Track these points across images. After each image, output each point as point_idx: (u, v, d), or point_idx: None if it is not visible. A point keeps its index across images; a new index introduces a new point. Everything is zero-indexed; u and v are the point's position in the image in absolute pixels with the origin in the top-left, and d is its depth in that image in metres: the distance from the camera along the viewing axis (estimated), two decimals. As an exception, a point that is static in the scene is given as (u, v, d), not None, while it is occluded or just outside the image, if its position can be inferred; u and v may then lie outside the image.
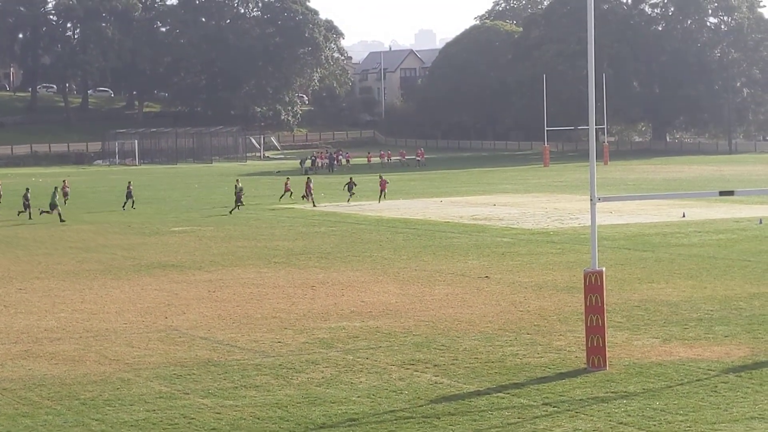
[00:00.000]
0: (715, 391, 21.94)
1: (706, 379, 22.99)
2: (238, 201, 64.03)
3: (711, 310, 30.48)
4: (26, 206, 62.44)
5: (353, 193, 69.26)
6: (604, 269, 24.58)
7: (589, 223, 24.76)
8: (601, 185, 59.62)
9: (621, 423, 20.08)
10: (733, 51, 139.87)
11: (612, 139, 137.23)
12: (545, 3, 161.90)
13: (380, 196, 68.95)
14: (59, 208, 61.76)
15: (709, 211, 57.24)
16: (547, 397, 21.90)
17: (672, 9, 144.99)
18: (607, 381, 22.98)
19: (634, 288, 34.54)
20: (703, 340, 26.74)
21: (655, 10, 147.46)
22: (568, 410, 20.98)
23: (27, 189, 65.07)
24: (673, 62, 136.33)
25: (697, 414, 20.41)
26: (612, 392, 22.14)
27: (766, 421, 19.85)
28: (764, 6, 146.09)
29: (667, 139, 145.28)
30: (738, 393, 21.77)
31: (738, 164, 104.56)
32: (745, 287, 34.14)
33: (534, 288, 35.11)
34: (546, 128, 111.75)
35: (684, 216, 55.60)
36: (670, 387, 22.41)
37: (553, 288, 35.01)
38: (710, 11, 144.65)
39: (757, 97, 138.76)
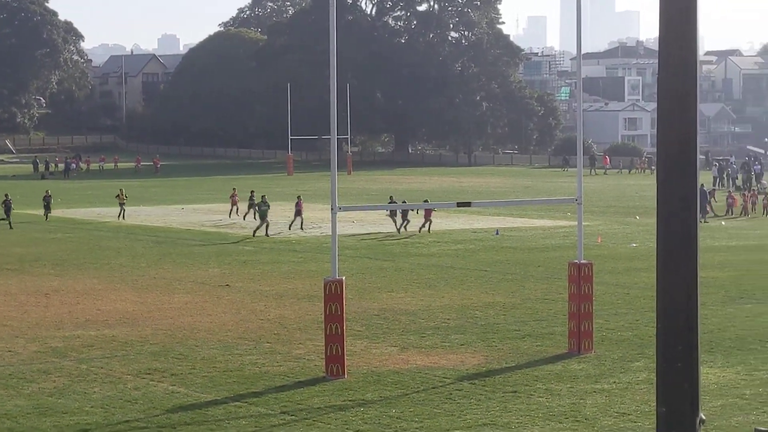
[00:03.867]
0: (450, 399, 22.28)
1: (441, 386, 23.32)
2: None
3: (448, 319, 31.00)
4: None
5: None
6: (344, 278, 24.67)
7: (330, 232, 24.77)
8: (343, 195, 59.83)
9: (357, 431, 20.15)
10: (473, 65, 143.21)
11: (355, 149, 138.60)
12: (290, 12, 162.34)
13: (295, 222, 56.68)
14: None
15: (448, 222, 58.35)
16: (285, 406, 21.81)
17: (415, 22, 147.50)
18: (345, 389, 23.05)
19: (374, 297, 34.84)
20: (439, 348, 27.15)
21: (399, 23, 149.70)
22: (306, 419, 20.94)
23: None
24: (415, 75, 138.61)
25: (432, 421, 20.67)
26: (349, 400, 22.21)
27: (497, 427, 20.26)
28: (503, 23, 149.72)
29: (410, 151, 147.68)
30: (471, 400, 22.17)
31: (477, 176, 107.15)
32: (481, 297, 34.88)
33: (275, 296, 35.01)
34: (290, 137, 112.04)
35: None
36: (407, 395, 22.64)
37: (293, 296, 34.99)
38: (452, 26, 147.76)
39: (496, 111, 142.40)
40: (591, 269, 26.92)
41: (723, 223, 58.83)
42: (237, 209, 62.31)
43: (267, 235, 52.31)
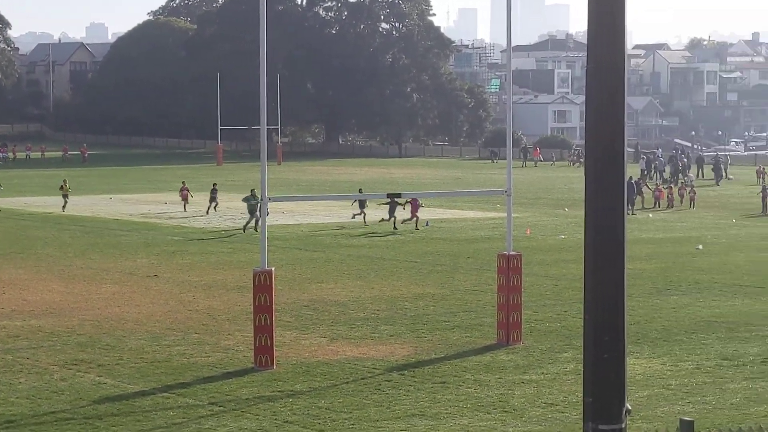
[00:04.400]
0: (379, 389, 22.31)
1: (370, 377, 23.35)
2: None
3: (378, 310, 31.04)
4: None
5: None
6: (273, 269, 24.62)
7: (260, 222, 24.68)
8: (273, 185, 59.44)
9: (286, 422, 20.12)
10: (404, 57, 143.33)
11: (285, 140, 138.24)
12: (220, 1, 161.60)
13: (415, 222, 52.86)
14: None
15: (378, 213, 58.29)
16: (213, 397, 21.73)
17: (345, 13, 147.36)
18: (274, 380, 23.01)
19: (304, 288, 34.80)
20: (369, 339, 27.18)
21: (329, 14, 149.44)
22: (234, 409, 20.88)
23: None
24: (346, 66, 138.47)
25: (361, 412, 20.70)
26: (278, 391, 22.18)
27: (426, 418, 20.32)
28: (434, 14, 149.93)
29: (340, 142, 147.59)
30: (401, 391, 22.22)
31: (407, 167, 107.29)
32: (411, 288, 34.96)
33: (203, 287, 34.85)
34: (219, 127, 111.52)
35: (353, 217, 56.49)
36: (336, 385, 22.64)
37: (222, 287, 34.85)
38: (382, 17, 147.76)
39: (426, 103, 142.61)
40: (520, 260, 27.07)
41: (650, 215, 59.40)
42: (189, 203, 60.32)
43: (256, 230, 48.97)
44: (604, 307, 10.63)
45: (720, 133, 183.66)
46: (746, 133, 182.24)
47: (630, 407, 10.83)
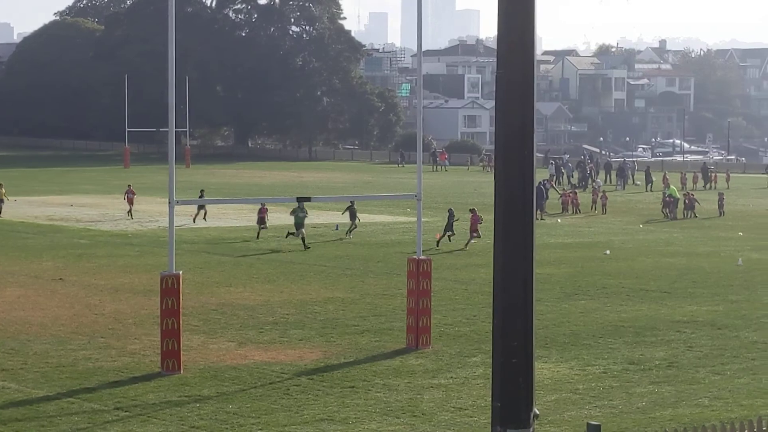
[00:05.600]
0: (288, 394, 22.20)
1: (279, 382, 23.22)
2: None
3: (287, 314, 30.90)
4: None
5: None
6: (181, 273, 24.40)
7: (168, 225, 24.43)
8: (182, 188, 59.01)
9: (193, 427, 19.93)
10: (314, 60, 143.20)
11: (195, 142, 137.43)
12: (128, 2, 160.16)
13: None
14: None
15: (288, 217, 58.06)
16: (119, 402, 21.46)
17: (255, 16, 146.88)
18: (182, 385, 22.79)
19: (213, 292, 34.55)
20: (278, 343, 27.04)
21: (239, 16, 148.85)
22: (141, 414, 20.64)
23: None
24: (256, 68, 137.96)
25: (270, 417, 20.57)
26: (186, 396, 21.97)
27: (335, 422, 20.25)
28: (345, 18, 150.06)
29: (250, 145, 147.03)
30: (310, 395, 22.12)
31: (318, 171, 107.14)
32: (321, 292, 34.86)
33: (110, 291, 34.46)
34: (127, 129, 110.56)
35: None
36: (244, 390, 22.48)
37: (130, 291, 34.49)
38: (293, 20, 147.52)
39: (337, 106, 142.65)
40: (430, 265, 27.10)
41: (559, 220, 59.86)
42: (132, 208, 57.94)
43: (305, 247, 45.88)
44: (513, 312, 10.66)
45: (628, 139, 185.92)
46: (653, 140, 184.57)
47: (538, 411, 10.86)
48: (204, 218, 55.33)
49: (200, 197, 55.39)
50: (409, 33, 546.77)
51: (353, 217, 49.92)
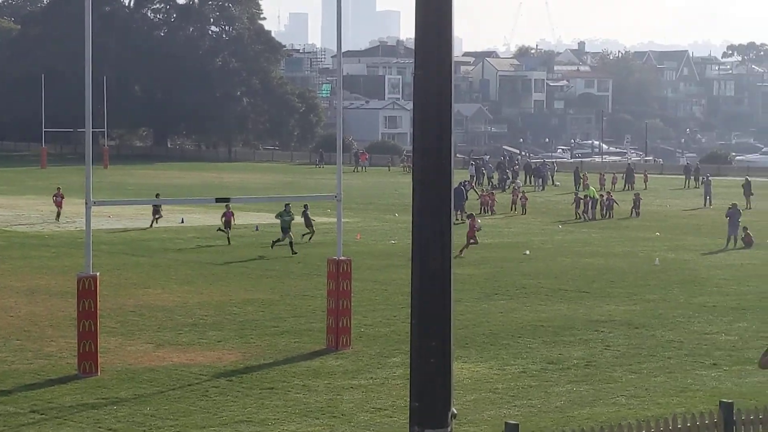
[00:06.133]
0: (206, 396, 22.06)
1: (197, 383, 23.07)
2: None
3: (205, 316, 30.72)
4: None
5: None
6: (98, 274, 24.15)
7: (84, 226, 24.17)
8: (99, 189, 58.78)
9: (110, 429, 19.74)
10: (234, 60, 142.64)
11: (113, 143, 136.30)
12: (45, 1, 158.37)
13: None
14: None
15: (207, 218, 57.87)
16: (35, 405, 21.19)
17: (174, 15, 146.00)
18: (98, 387, 22.56)
19: (130, 293, 34.25)
20: (196, 345, 26.87)
21: (158, 16, 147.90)
22: (57, 417, 20.40)
23: None
24: (175, 69, 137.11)
25: (188, 418, 20.42)
26: (102, 398, 21.75)
27: (253, 424, 20.15)
28: (265, 18, 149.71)
29: (169, 145, 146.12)
30: (228, 397, 22.00)
31: (237, 172, 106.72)
32: (240, 293, 34.70)
33: (26, 293, 34.03)
34: (44, 129, 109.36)
35: (182, 222, 56.02)
36: (162, 392, 22.30)
37: (46, 293, 34.08)
38: (212, 20, 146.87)
39: (257, 107, 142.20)
40: (350, 266, 27.07)
41: (479, 221, 60.11)
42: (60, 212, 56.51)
43: (293, 252, 44.46)
44: (431, 312, 10.65)
45: (547, 140, 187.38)
46: (572, 141, 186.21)
47: (456, 411, 10.87)
48: (157, 222, 53.70)
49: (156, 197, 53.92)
50: (330, 34, 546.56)
51: (308, 223, 48.82)
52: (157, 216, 53.99)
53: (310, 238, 48.30)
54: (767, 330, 28.43)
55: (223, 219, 48.37)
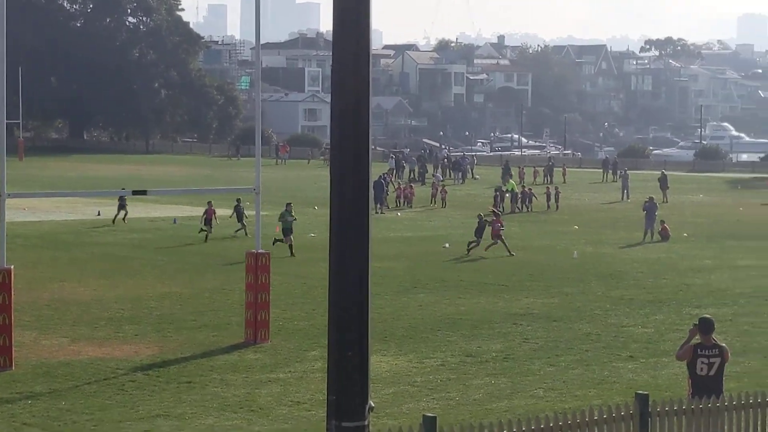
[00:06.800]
0: (123, 390, 21.85)
1: (114, 378, 22.84)
2: None
3: (122, 310, 30.44)
4: None
5: None
6: (12, 267, 23.83)
7: (-2, 219, 23.80)
8: (14, 181, 57.61)
9: (25, 424, 19.48)
10: (151, 52, 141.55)
11: (28, 134, 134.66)
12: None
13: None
14: None
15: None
16: (-53, 401, 20.85)
17: (91, 6, 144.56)
18: (13, 381, 22.27)
19: (45, 287, 33.85)
20: (112, 339, 26.61)
21: (74, 6, 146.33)
22: (-30, 414, 20.08)
23: None
24: (92, 60, 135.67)
25: (104, 413, 20.21)
26: (17, 393, 21.47)
27: (171, 418, 19.99)
28: (183, 10, 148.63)
29: (85, 137, 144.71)
30: (145, 391, 21.80)
31: (155, 164, 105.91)
32: (157, 287, 34.42)
33: (-61, 286, 33.45)
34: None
35: (99, 214, 55.44)
36: (78, 387, 22.06)
37: (-41, 286, 33.53)
38: (129, 11, 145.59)
39: (175, 99, 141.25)
40: (268, 259, 26.96)
41: (399, 214, 60.22)
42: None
43: (292, 253, 42.63)
44: (348, 305, 10.62)
45: (467, 133, 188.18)
46: (492, 134, 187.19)
47: (373, 404, 10.85)
48: (124, 219, 52.15)
49: (121, 198, 52.15)
50: (249, 25, 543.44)
51: (240, 217, 48.27)
52: (123, 211, 51.91)
53: (246, 233, 47.48)
54: (683, 323, 28.73)
55: (204, 217, 47.47)
